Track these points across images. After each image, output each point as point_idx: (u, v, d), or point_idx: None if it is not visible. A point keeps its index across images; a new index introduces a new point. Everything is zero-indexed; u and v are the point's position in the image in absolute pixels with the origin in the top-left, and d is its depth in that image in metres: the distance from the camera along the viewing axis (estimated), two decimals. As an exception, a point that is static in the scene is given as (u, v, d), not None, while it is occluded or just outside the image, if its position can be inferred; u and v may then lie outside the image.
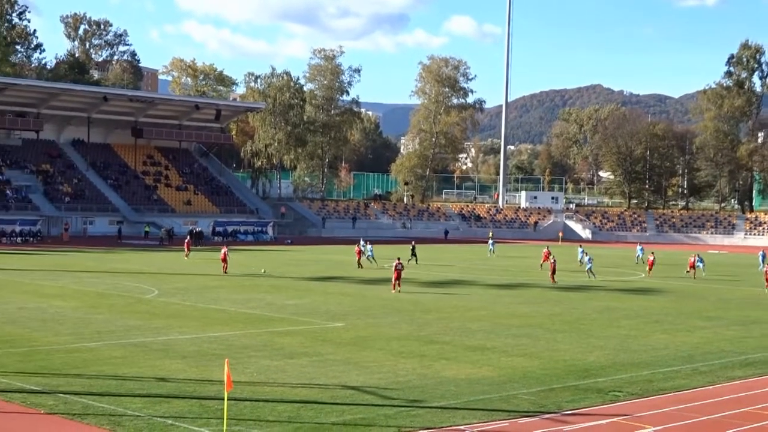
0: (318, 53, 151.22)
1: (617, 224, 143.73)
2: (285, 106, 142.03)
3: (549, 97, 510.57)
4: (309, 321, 36.95)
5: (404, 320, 37.90)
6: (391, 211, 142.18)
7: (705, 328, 38.23)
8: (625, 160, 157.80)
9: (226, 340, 31.46)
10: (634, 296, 51.78)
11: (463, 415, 21.39)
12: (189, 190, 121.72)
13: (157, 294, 45.83)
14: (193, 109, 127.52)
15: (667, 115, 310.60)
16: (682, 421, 21.47)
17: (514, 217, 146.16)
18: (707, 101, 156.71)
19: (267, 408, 21.43)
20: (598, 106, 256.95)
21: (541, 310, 42.85)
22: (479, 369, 27.23)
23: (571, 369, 27.69)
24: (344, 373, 25.85)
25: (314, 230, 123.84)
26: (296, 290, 49.55)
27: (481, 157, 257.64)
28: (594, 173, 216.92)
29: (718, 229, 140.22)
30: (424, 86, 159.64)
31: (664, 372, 27.62)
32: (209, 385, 23.60)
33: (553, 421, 21.06)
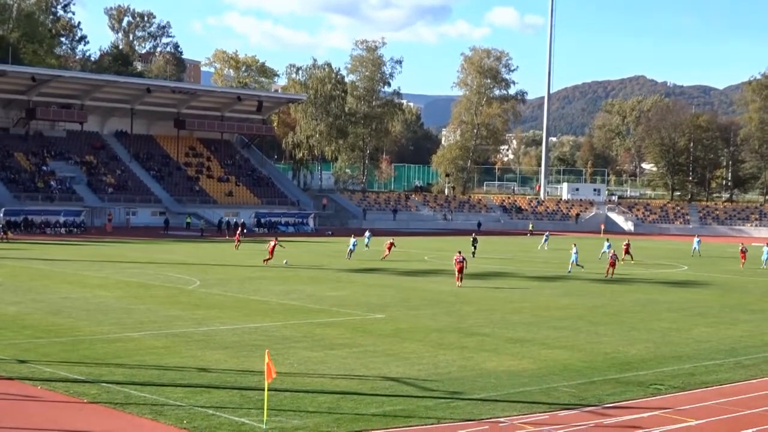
0: (360, 44, 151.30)
1: (660, 216, 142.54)
2: (326, 97, 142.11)
3: (591, 89, 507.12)
4: (349, 312, 37.02)
5: (444, 312, 37.87)
6: (431, 202, 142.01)
7: (748, 321, 37.85)
8: (668, 151, 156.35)
9: (266, 330, 31.60)
10: (677, 289, 51.37)
11: (503, 407, 21.33)
12: (230, 181, 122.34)
13: (198, 285, 46.13)
14: (234, 101, 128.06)
15: (711, 107, 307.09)
16: (725, 414, 21.28)
17: (555, 209, 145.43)
18: (752, 92, 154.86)
19: (307, 399, 21.50)
20: (641, 97, 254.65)
21: (583, 302, 42.64)
22: (519, 361, 27.14)
23: (612, 362, 27.53)
24: (384, 365, 25.88)
25: (355, 222, 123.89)
26: (337, 282, 49.67)
27: (522, 148, 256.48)
28: (636, 165, 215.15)
29: (763, 221, 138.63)
30: (466, 77, 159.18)
31: (706, 365, 27.37)
32: (250, 375, 23.72)
33: (593, 414, 20.96)
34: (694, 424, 20.29)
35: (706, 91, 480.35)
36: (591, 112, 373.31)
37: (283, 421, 19.41)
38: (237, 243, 73.31)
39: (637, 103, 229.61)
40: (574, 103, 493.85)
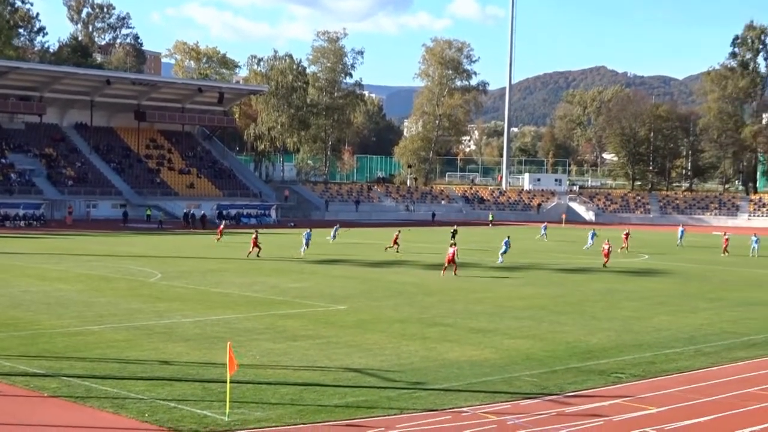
0: (321, 35, 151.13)
1: (621, 206, 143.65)
2: (288, 88, 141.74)
3: (553, 79, 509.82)
4: (312, 304, 36.96)
5: (407, 303, 37.91)
6: (394, 193, 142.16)
7: (708, 309, 38.22)
8: (629, 141, 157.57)
9: (229, 323, 31.48)
10: (638, 278, 51.77)
11: (465, 397, 21.39)
12: (192, 173, 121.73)
13: (160, 277, 45.85)
14: (195, 93, 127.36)
15: (671, 97, 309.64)
16: (685, 402, 21.46)
17: (517, 199, 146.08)
18: (711, 83, 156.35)
19: (270, 390, 21.43)
20: (601, 87, 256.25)
21: (545, 292, 42.85)
22: (482, 351, 27.23)
23: (573, 351, 27.69)
24: (347, 356, 25.86)
25: (317, 213, 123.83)
26: (299, 273, 49.56)
27: (484, 139, 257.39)
28: (597, 155, 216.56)
29: (722, 210, 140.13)
30: (428, 68, 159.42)
31: (666, 353, 27.61)
32: (212, 368, 23.61)
33: (555, 403, 21.06)
34: (654, 411, 20.45)
35: (666, 82, 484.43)
36: (552, 103, 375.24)
37: (245, 413, 19.34)
38: (219, 236, 72.83)
39: (597, 94, 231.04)
40: (535, 93, 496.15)
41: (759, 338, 30.86)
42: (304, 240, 61.94)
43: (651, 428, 18.98)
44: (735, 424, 19.42)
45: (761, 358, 27.32)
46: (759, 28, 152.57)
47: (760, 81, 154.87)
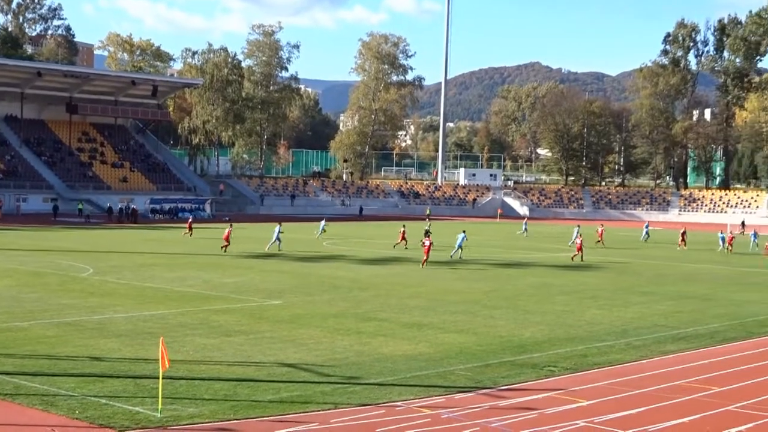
0: (256, 29, 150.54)
1: (555, 201, 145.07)
2: (223, 82, 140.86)
3: (488, 75, 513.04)
4: (246, 299, 36.76)
5: (341, 297, 37.89)
6: (330, 188, 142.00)
7: (639, 303, 38.74)
8: (563, 137, 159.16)
9: (161, 318, 31.18)
10: (571, 272, 52.30)
11: (399, 391, 21.43)
12: (125, 167, 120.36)
13: (91, 272, 45.26)
14: (129, 85, 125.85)
15: (605, 93, 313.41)
16: (616, 395, 21.74)
17: (452, 194, 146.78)
18: (643, 79, 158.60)
19: (203, 386, 21.28)
20: (536, 83, 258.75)
21: (478, 287, 43.09)
22: (416, 345, 27.30)
23: (507, 345, 27.90)
24: (281, 351, 25.77)
25: (253, 207, 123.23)
26: (234, 268, 49.25)
27: (420, 134, 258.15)
28: (532, 150, 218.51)
29: (654, 205, 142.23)
30: (364, 63, 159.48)
31: (598, 347, 27.94)
32: (144, 363, 23.38)
33: (488, 397, 21.20)
34: (585, 404, 20.68)
35: (600, 78, 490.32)
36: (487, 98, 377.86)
37: (178, 409, 19.17)
38: (188, 231, 71.80)
39: (532, 90, 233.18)
40: (470, 89, 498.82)
41: (688, 331, 31.37)
42: (274, 236, 61.34)
43: (582, 421, 19.19)
44: (663, 416, 19.71)
45: (690, 351, 27.77)
46: (690, 26, 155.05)
47: (690, 78, 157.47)
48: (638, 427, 18.84)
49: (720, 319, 34.55)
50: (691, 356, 27.03)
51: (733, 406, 20.78)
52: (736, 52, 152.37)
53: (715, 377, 24.01)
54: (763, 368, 25.51)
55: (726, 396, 21.76)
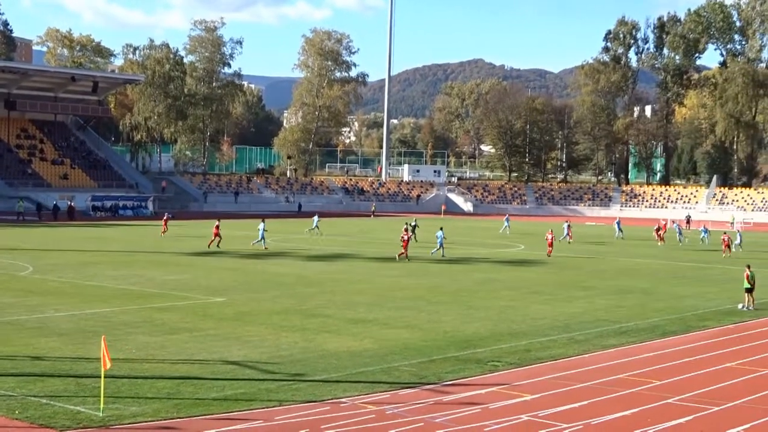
0: (198, 24, 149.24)
1: (498, 197, 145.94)
2: (165, 78, 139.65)
3: (431, 71, 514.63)
4: (190, 296, 36.52)
5: (286, 294, 37.78)
6: (274, 185, 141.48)
7: (581, 297, 39.13)
8: (506, 133, 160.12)
9: (104, 316, 30.86)
10: (514, 267, 52.67)
11: (344, 387, 21.45)
12: (65, 164, 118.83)
13: (32, 271, 44.66)
14: (69, 81, 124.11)
15: (547, 90, 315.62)
16: (559, 389, 21.94)
17: (397, 190, 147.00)
18: (585, 76, 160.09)
19: (146, 385, 21.11)
20: (479, 80, 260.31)
21: (423, 283, 43.22)
22: (361, 341, 27.33)
23: (451, 340, 28.02)
24: (225, 349, 25.65)
25: (196, 205, 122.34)
26: (177, 265, 48.90)
27: (364, 131, 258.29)
28: (476, 147, 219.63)
29: (596, 201, 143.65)
30: (307, 59, 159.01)
31: (541, 341, 28.17)
32: (86, 362, 23.12)
33: (433, 392, 21.28)
34: (529, 398, 20.85)
35: (542, 75, 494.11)
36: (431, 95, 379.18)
37: (120, 408, 19.00)
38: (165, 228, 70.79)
39: (475, 86, 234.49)
40: (414, 85, 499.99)
41: (629, 325, 31.75)
42: (260, 233, 61.24)
43: (525, 415, 19.35)
44: (605, 410, 19.94)
45: (631, 345, 28.13)
46: (630, 24, 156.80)
47: (631, 75, 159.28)
48: (581, 420, 19.04)
49: (660, 313, 35.02)
50: (632, 350, 27.37)
51: (674, 399, 21.09)
52: (675, 50, 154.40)
53: (655, 370, 24.33)
54: (702, 361, 25.92)
55: (666, 389, 22.07)
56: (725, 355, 26.83)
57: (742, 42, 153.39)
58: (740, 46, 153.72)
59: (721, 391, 22.11)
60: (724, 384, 22.89)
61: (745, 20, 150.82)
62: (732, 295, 39.92)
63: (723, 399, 21.20)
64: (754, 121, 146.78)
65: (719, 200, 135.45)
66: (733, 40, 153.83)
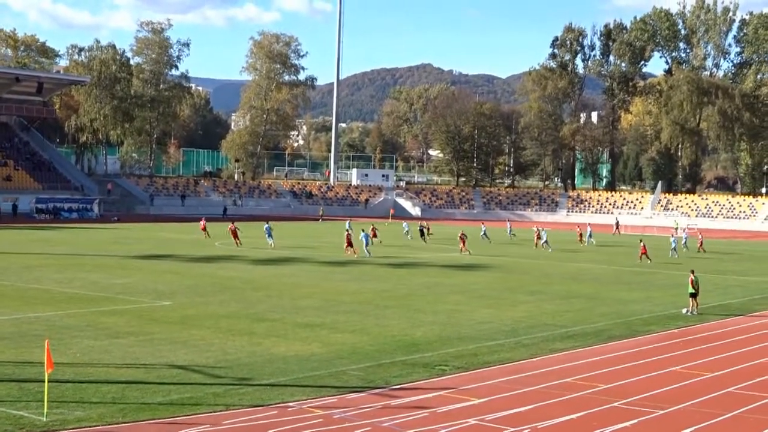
0: (145, 26, 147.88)
1: (446, 201, 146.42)
2: (111, 79, 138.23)
3: (380, 76, 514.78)
4: (136, 300, 36.18)
5: (234, 298, 37.58)
6: (221, 188, 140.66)
7: (528, 302, 39.35)
8: (454, 138, 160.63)
9: (47, 320, 30.46)
10: (461, 272, 52.82)
11: (291, 392, 21.37)
12: (9, 165, 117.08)
13: (-26, 273, 43.99)
14: (12, 82, 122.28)
15: (495, 95, 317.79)
16: (507, 392, 22.04)
17: (345, 194, 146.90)
18: (532, 82, 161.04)
19: (90, 389, 20.86)
20: (428, 85, 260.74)
21: (371, 287, 43.22)
22: (309, 346, 27.25)
23: (399, 344, 28.04)
24: (171, 353, 25.44)
25: (142, 207, 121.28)
26: (123, 269, 48.43)
27: (312, 134, 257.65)
28: (424, 151, 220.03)
29: (543, 206, 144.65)
30: (255, 62, 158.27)
31: (488, 345, 28.28)
32: (29, 367, 22.80)
33: (381, 396, 21.28)
34: (477, 402, 20.92)
35: (490, 80, 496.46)
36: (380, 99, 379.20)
37: (65, 413, 18.76)
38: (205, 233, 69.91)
39: (424, 91, 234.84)
40: (363, 89, 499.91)
41: (576, 330, 32.00)
42: (266, 234, 65.71)
43: (473, 419, 19.40)
44: (552, 413, 20.06)
45: (578, 349, 28.34)
46: (577, 31, 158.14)
47: (578, 81, 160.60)
48: (528, 423, 19.14)
49: (606, 317, 35.34)
50: (578, 354, 27.58)
51: (619, 402, 21.28)
52: (621, 57, 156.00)
53: (601, 374, 24.55)
54: (647, 365, 26.17)
55: (612, 392, 22.27)
56: (670, 359, 27.14)
57: (687, 50, 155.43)
58: (685, 54, 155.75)
59: (666, 394, 22.35)
60: (669, 388, 23.15)
61: (690, 28, 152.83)
62: (676, 300, 40.40)
63: (668, 402, 21.43)
64: (699, 128, 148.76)
65: (664, 206, 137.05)
66: (678, 48, 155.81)
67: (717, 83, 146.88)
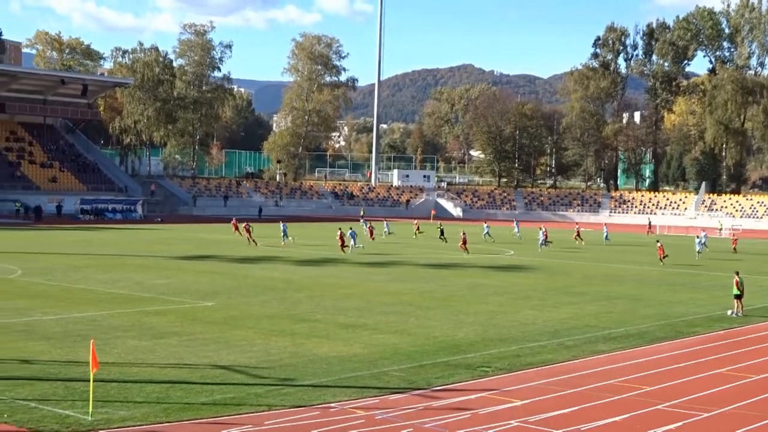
0: (188, 28, 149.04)
1: (487, 202, 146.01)
2: (154, 81, 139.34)
3: (421, 76, 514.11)
4: (179, 300, 36.42)
5: (276, 299, 37.72)
6: (263, 189, 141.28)
7: (571, 303, 39.13)
8: (495, 139, 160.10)
9: (93, 320, 30.75)
10: (504, 273, 52.64)
11: (333, 392, 21.40)
12: (54, 167, 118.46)
13: (20, 274, 44.50)
14: (58, 84, 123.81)
15: (536, 96, 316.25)
16: (549, 394, 21.92)
17: (386, 195, 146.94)
18: (574, 82, 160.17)
19: (135, 389, 21.02)
20: (469, 85, 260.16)
21: (412, 288, 43.18)
22: (350, 347, 27.28)
23: (441, 345, 27.99)
24: (214, 353, 25.57)
25: (185, 208, 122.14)
26: (166, 269, 48.78)
27: (354, 135, 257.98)
28: (465, 152, 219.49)
29: (585, 207, 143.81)
30: (297, 64, 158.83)
31: (531, 347, 28.16)
32: (75, 366, 23.02)
33: (422, 397, 21.24)
34: (519, 404, 20.83)
35: (531, 81, 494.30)
36: (421, 100, 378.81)
37: (109, 412, 18.92)
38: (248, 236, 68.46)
39: (465, 92, 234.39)
40: (404, 90, 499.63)
41: (618, 331, 31.77)
42: (282, 232, 68.65)
43: (515, 420, 19.32)
44: (595, 415, 19.93)
45: (620, 351, 28.13)
46: (619, 30, 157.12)
47: (620, 81, 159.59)
48: (570, 426, 19.03)
49: (649, 319, 35.05)
50: (621, 356, 27.37)
51: (663, 405, 21.09)
52: (664, 57, 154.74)
53: (645, 377, 24.34)
54: (691, 367, 25.93)
55: (656, 395, 22.08)
56: (715, 362, 26.87)
57: (731, 49, 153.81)
58: (729, 53, 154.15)
59: (711, 397, 22.13)
60: (714, 390, 22.92)
61: (734, 27, 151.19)
62: (721, 301, 40.00)
63: (713, 405, 21.22)
64: (743, 128, 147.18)
65: (708, 207, 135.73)
66: (722, 47, 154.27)
67: (762, 82, 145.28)
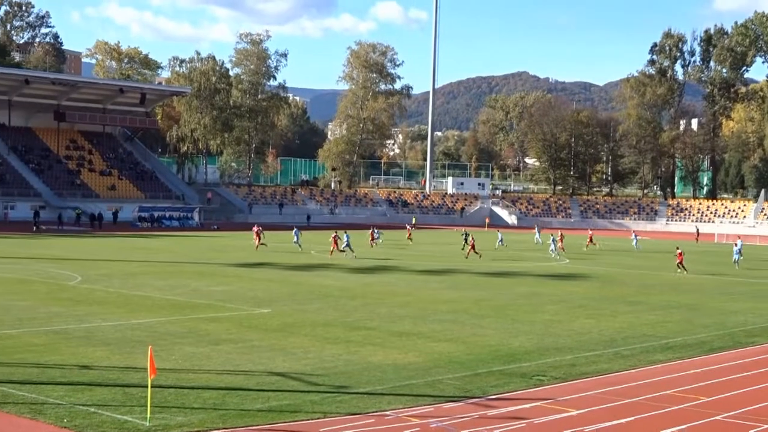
0: (244, 37, 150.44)
1: (542, 210, 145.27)
2: (211, 90, 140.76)
3: (476, 84, 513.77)
4: (235, 307, 36.70)
5: (330, 306, 37.86)
6: (318, 196, 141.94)
7: (627, 312, 38.79)
8: (551, 146, 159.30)
9: (150, 326, 31.10)
10: (559, 282, 52.34)
11: (388, 400, 21.42)
12: (113, 175, 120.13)
13: (80, 280, 45.15)
14: (117, 93, 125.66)
15: (592, 103, 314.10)
16: (605, 404, 21.76)
17: (440, 202, 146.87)
18: (630, 89, 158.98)
19: (192, 395, 21.23)
20: (524, 93, 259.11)
21: (467, 296, 43.10)
22: (405, 354, 27.29)
23: (496, 354, 27.90)
24: (270, 360, 25.73)
25: (241, 216, 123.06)
26: (222, 276, 49.19)
27: (408, 143, 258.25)
28: (520, 160, 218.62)
29: (641, 215, 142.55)
30: (352, 72, 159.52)
31: (587, 356, 27.96)
32: (133, 372, 23.31)
33: (477, 406, 21.20)
34: (575, 413, 20.70)
35: (587, 88, 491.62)
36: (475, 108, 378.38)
37: (167, 417, 19.13)
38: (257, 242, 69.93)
39: (520, 99, 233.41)
40: (458, 98, 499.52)
41: (676, 341, 31.43)
42: (294, 237, 69.74)
43: (571, 430, 19.20)
44: (652, 426, 19.74)
45: (678, 361, 27.82)
46: (676, 36, 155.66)
47: (677, 88, 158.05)
48: (627, 436, 18.87)
49: (707, 329, 34.64)
50: (679, 366, 27.07)
51: (721, 416, 20.83)
52: (722, 63, 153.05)
53: (703, 387, 24.06)
54: (750, 378, 25.59)
55: (714, 406, 21.81)
56: (774, 372, 26.48)
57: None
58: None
59: (769, 408, 21.81)
60: (773, 401, 22.58)
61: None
62: (781, 311, 39.42)
63: (772, 417, 20.91)
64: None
65: (767, 215, 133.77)
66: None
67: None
